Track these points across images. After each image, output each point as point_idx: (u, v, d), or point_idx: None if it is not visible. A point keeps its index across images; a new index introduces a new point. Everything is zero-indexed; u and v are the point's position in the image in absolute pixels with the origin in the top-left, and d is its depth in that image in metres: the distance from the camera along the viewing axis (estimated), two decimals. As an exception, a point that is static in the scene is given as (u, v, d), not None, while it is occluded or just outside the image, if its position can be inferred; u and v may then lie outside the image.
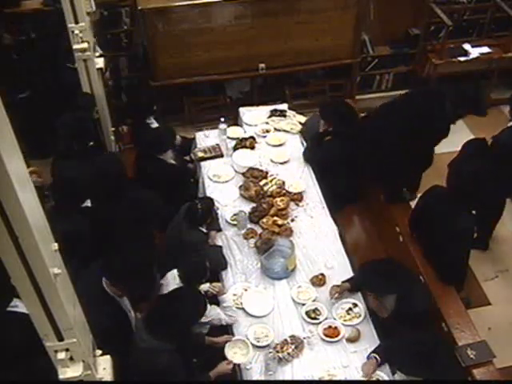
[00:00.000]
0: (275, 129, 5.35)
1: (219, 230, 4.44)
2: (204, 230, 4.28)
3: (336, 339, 3.72)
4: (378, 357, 3.53)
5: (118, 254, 3.38)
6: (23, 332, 2.53)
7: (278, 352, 3.60)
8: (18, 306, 3.07)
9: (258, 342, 3.71)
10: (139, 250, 3.51)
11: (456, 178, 4.16)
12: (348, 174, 4.84)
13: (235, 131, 5.32)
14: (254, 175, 4.80)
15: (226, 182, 4.86)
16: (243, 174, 4.85)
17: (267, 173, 4.87)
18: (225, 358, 3.59)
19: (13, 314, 3.12)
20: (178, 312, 3.23)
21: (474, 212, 4.07)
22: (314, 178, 4.89)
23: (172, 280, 3.78)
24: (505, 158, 4.61)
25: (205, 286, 3.76)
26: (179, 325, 3.25)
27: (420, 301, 3.73)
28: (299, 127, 5.35)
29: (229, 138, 5.21)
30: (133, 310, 3.56)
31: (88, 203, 4.17)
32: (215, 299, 3.82)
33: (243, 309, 3.91)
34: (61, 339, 2.18)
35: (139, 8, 5.67)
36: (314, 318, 3.84)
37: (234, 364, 3.61)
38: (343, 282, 4.01)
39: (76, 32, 4.22)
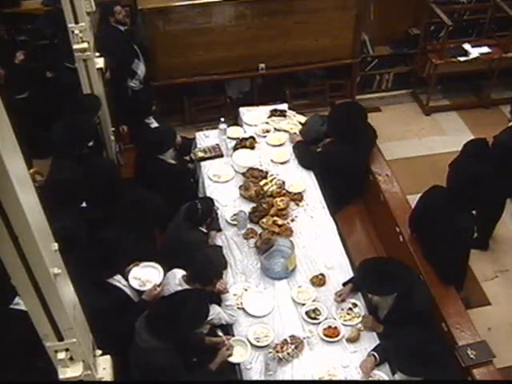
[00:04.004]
0: (275, 129, 5.34)
1: (219, 229, 4.44)
2: (204, 230, 4.27)
3: (336, 339, 3.71)
4: (376, 355, 3.53)
5: None
6: (25, 329, 2.54)
7: (277, 352, 3.60)
8: (20, 303, 3.08)
9: (258, 342, 3.70)
10: None
11: (456, 178, 4.16)
12: (349, 175, 4.83)
13: (235, 131, 5.31)
14: (254, 175, 4.79)
15: (226, 181, 4.85)
16: (243, 174, 4.85)
17: (267, 173, 4.86)
18: None
19: (15, 311, 3.14)
20: (181, 316, 3.21)
21: (474, 212, 4.07)
22: (314, 178, 4.88)
23: (172, 280, 3.78)
24: (505, 158, 4.61)
25: None
26: (181, 328, 3.23)
27: (420, 299, 3.73)
28: (299, 127, 5.35)
29: (229, 138, 5.20)
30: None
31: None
32: (216, 298, 3.82)
33: (243, 309, 3.91)
34: (61, 339, 2.18)
35: (139, 8, 5.68)
36: (314, 318, 3.84)
37: (234, 363, 3.60)
38: (344, 284, 4.02)
39: (76, 32, 4.22)
